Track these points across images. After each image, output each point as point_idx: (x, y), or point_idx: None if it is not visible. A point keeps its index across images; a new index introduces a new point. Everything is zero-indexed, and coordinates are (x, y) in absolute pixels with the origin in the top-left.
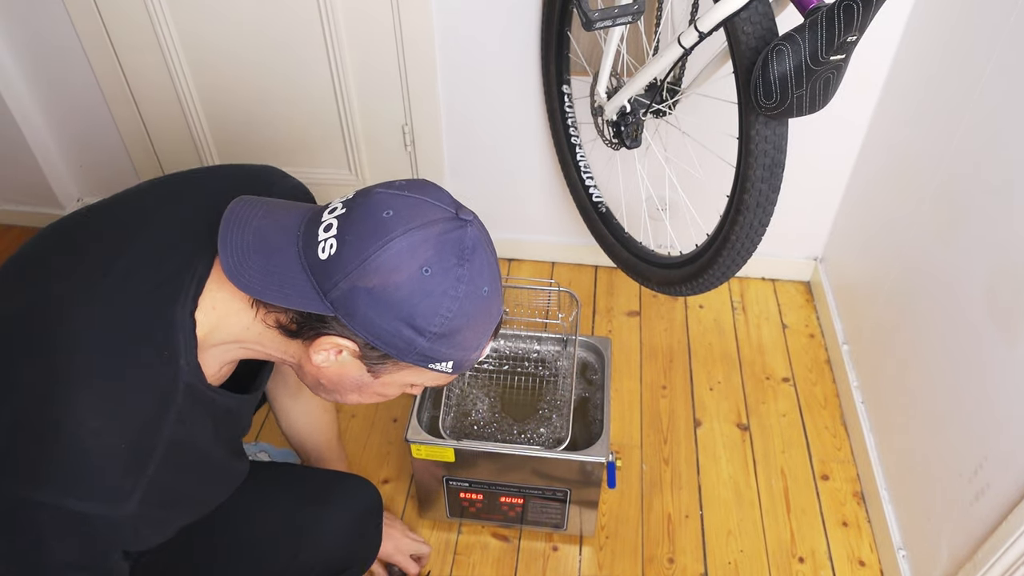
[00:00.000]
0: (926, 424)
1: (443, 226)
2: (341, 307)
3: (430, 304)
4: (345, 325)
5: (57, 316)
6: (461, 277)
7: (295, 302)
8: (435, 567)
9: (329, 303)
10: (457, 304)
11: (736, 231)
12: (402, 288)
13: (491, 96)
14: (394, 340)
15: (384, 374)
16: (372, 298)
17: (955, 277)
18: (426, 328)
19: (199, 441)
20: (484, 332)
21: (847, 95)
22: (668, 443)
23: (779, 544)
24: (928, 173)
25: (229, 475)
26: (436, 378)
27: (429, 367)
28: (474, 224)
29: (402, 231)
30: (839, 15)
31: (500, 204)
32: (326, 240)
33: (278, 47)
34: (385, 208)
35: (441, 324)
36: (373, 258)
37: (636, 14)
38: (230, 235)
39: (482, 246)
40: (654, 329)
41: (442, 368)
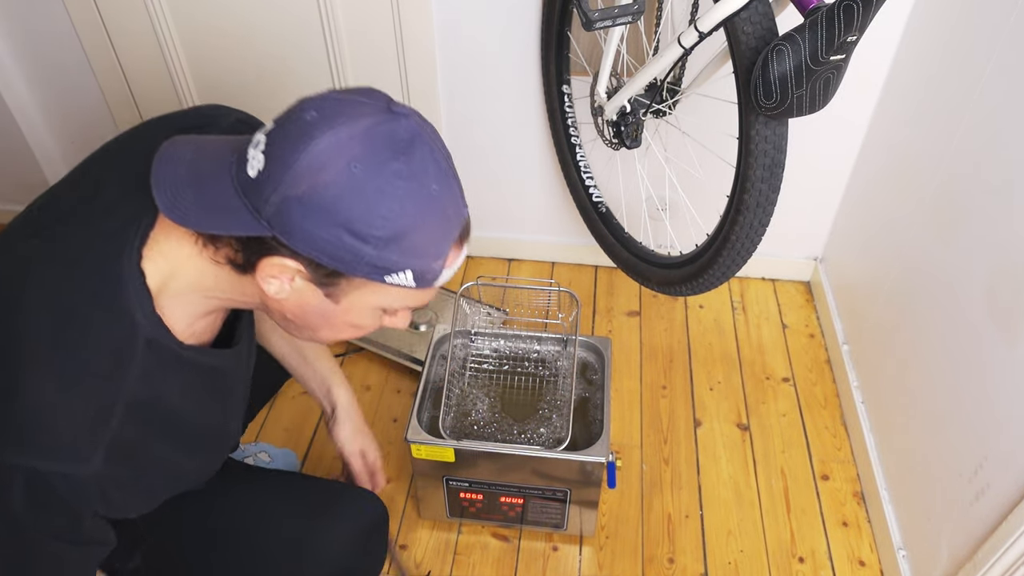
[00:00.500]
0: (926, 424)
1: (372, 120)
2: (277, 224)
3: (365, 204)
4: (286, 244)
5: (9, 281)
6: (399, 173)
7: (233, 227)
8: (435, 567)
9: (265, 222)
10: (398, 204)
11: (736, 231)
12: (331, 188)
13: (491, 96)
14: (338, 252)
15: (343, 297)
16: (304, 206)
17: (955, 277)
18: (368, 233)
19: (169, 400)
20: (442, 236)
21: (847, 95)
22: (668, 443)
23: (779, 544)
24: (928, 173)
25: (213, 439)
26: (403, 296)
27: (386, 280)
28: (411, 118)
29: (326, 128)
30: (839, 15)
31: (500, 204)
32: (255, 157)
33: (278, 47)
34: (309, 111)
35: (383, 227)
36: (297, 162)
37: (636, 14)
38: (162, 172)
39: (423, 140)
40: (654, 329)
41: (401, 280)
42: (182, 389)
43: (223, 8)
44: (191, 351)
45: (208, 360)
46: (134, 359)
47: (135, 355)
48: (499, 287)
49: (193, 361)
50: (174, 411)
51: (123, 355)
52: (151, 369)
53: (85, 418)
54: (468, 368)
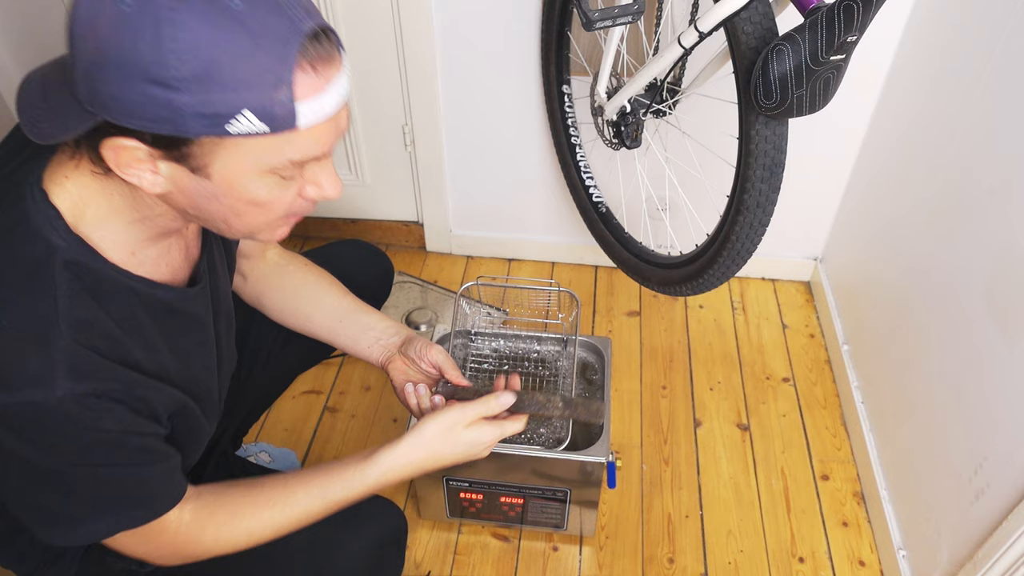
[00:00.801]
0: (926, 424)
1: None
2: (94, 102)
3: (149, 43)
4: (111, 122)
5: None
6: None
7: (70, 126)
8: (435, 567)
9: (88, 106)
10: (187, 32)
11: (736, 231)
12: (112, 40)
13: (491, 96)
14: (156, 110)
15: (210, 169)
16: (101, 70)
17: (955, 277)
18: (168, 76)
19: (109, 328)
20: (270, 58)
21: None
22: (668, 443)
23: (779, 544)
24: (928, 173)
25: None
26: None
27: (230, 130)
28: None
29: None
30: (839, 15)
31: (500, 204)
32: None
33: None
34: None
35: (180, 64)
36: (75, 24)
37: (636, 14)
38: (22, 96)
39: None
40: (654, 329)
41: (248, 127)
42: (126, 319)
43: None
44: (136, 280)
45: (159, 294)
46: (52, 279)
47: (52, 275)
48: (499, 287)
49: (137, 291)
50: (120, 341)
51: (40, 274)
52: (78, 291)
53: (27, 341)
54: (468, 368)
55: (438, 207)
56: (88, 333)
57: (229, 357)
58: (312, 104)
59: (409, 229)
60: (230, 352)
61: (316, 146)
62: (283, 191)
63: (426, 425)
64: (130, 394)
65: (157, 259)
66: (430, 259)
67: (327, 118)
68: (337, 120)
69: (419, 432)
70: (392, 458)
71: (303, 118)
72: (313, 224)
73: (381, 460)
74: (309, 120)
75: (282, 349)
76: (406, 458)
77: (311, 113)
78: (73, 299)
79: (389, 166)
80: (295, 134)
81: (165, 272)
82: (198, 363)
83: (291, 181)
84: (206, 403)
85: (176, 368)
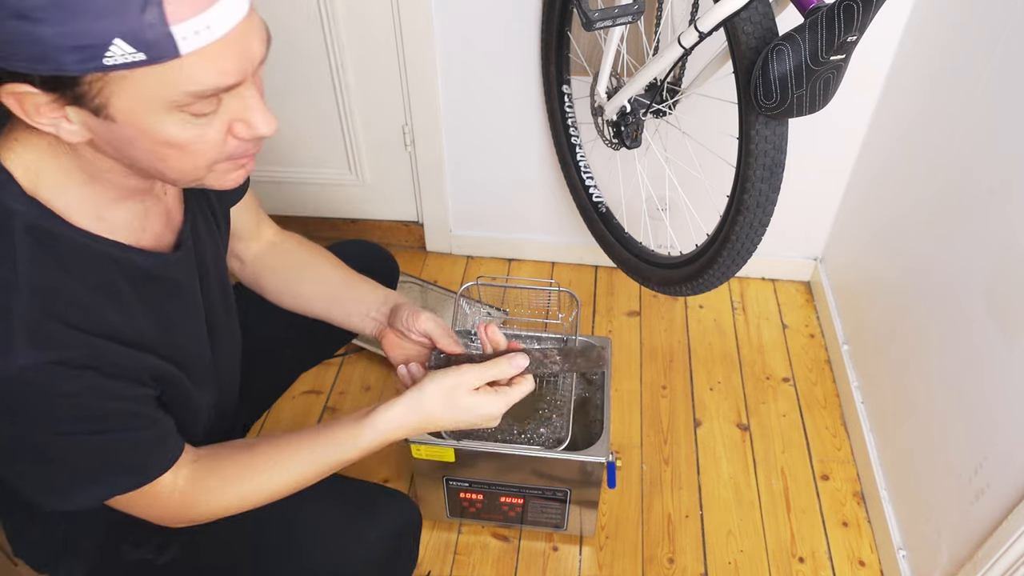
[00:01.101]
0: (926, 424)
1: None
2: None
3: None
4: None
5: None
6: None
7: None
8: (435, 567)
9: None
10: None
11: (736, 231)
12: None
13: (491, 96)
14: (29, 48)
15: (112, 110)
16: None
17: (955, 277)
18: (27, 6)
19: (78, 294)
20: None
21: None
22: (668, 443)
23: (779, 544)
24: (928, 173)
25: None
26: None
27: (107, 63)
28: None
29: None
30: (839, 15)
31: (500, 204)
32: None
33: (278, 47)
34: None
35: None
36: None
37: (636, 14)
38: None
39: None
40: (654, 329)
41: (124, 56)
42: (101, 285)
43: None
44: (108, 245)
45: (136, 259)
46: (12, 243)
47: (12, 239)
48: (499, 287)
49: (112, 256)
50: (91, 308)
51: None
52: (40, 257)
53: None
54: None
55: (438, 207)
56: (52, 299)
57: (229, 331)
58: (192, 25)
59: (409, 229)
60: (229, 326)
61: (217, 75)
62: (202, 129)
63: (426, 386)
64: (102, 360)
65: (131, 223)
66: (430, 259)
67: (217, 39)
68: (241, 42)
69: (418, 394)
70: (387, 420)
71: (185, 43)
72: (313, 224)
73: (376, 422)
74: (193, 44)
75: (287, 345)
76: (401, 420)
77: (194, 36)
78: (35, 264)
79: (389, 166)
80: (182, 62)
81: (145, 238)
82: (183, 331)
83: (209, 118)
84: (194, 372)
85: (158, 335)
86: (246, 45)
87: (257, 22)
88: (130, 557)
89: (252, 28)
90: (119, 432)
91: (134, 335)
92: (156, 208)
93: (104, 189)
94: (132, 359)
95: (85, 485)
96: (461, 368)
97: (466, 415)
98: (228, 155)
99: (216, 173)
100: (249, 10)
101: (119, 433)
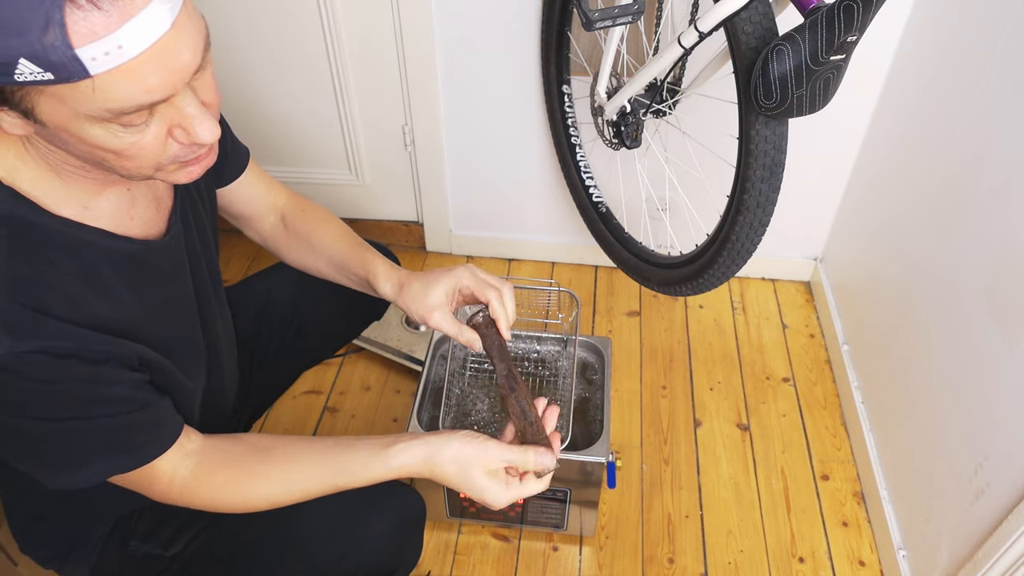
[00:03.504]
0: (926, 424)
1: None
2: None
3: None
4: None
5: None
6: None
7: None
8: (435, 567)
9: None
10: None
11: (736, 231)
12: None
13: (491, 96)
14: None
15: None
16: None
17: (955, 277)
18: None
19: (62, 282)
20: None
21: (847, 95)
22: (668, 443)
23: (779, 544)
24: (928, 173)
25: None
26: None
27: (17, 79)
28: None
29: None
30: (839, 15)
31: (500, 204)
32: None
33: (278, 47)
34: None
35: None
36: None
37: (636, 14)
38: None
39: None
40: (654, 329)
41: (32, 75)
42: (86, 273)
43: (223, 10)
44: (92, 233)
45: (120, 247)
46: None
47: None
48: None
49: (97, 244)
50: (74, 297)
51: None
52: (18, 247)
53: None
54: (468, 368)
55: (438, 207)
56: (31, 289)
57: (221, 316)
58: (100, 46)
59: (409, 229)
60: (221, 310)
61: (139, 93)
62: (136, 136)
63: (449, 445)
64: (86, 347)
65: (117, 211)
66: (430, 259)
67: (134, 57)
68: (164, 56)
69: (438, 449)
70: (401, 463)
71: (95, 63)
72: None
73: (390, 460)
74: (105, 65)
75: (292, 341)
76: (414, 468)
77: (104, 57)
78: (12, 256)
79: (389, 166)
80: (94, 82)
81: (134, 225)
82: (173, 316)
83: (142, 127)
84: (185, 358)
85: (146, 321)
86: (172, 58)
87: (186, 31)
88: (139, 552)
89: (179, 39)
90: (110, 417)
91: (120, 322)
92: (145, 194)
93: (77, 180)
94: (117, 346)
95: (80, 466)
96: (488, 445)
97: (472, 491)
98: (172, 158)
99: (165, 172)
100: (173, 22)
101: (110, 417)
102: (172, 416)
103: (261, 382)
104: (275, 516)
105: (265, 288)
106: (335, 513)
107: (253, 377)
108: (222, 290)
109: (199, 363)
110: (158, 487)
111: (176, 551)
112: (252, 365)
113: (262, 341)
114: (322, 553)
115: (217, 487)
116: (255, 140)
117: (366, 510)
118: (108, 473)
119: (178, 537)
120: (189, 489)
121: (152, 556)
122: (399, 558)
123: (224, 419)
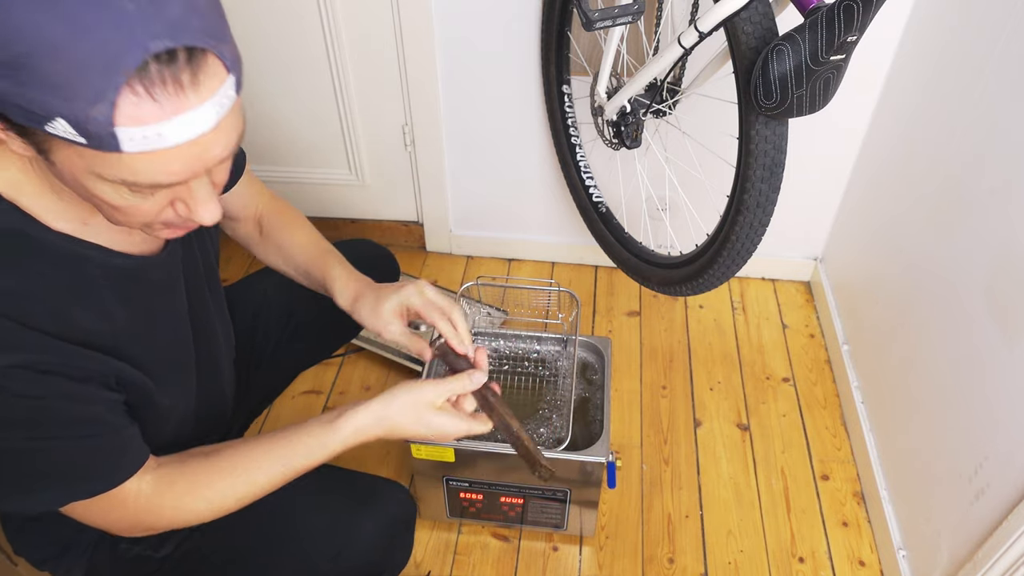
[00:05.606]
0: (926, 424)
1: None
2: None
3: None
4: None
5: None
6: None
7: None
8: (435, 567)
9: None
10: (13, 18)
11: (736, 231)
12: None
13: (491, 96)
14: None
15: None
16: None
17: (955, 277)
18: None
19: (58, 297)
20: (94, 68)
21: (847, 95)
22: (668, 443)
23: (779, 544)
24: (928, 173)
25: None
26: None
27: (48, 129)
28: None
29: None
30: (839, 15)
31: (500, 204)
32: None
33: (278, 47)
34: None
35: (1, 49)
36: None
37: (636, 14)
38: None
39: None
40: (654, 329)
41: (62, 131)
42: (78, 287)
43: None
44: (88, 248)
45: (116, 262)
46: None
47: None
48: (499, 287)
49: (93, 259)
50: (61, 312)
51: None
52: (8, 261)
53: None
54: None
55: (438, 207)
56: (14, 303)
57: (221, 328)
58: (141, 131)
59: (409, 229)
60: (221, 324)
61: (160, 175)
62: (139, 201)
63: (394, 397)
64: (67, 365)
65: (116, 228)
66: (430, 259)
67: (167, 148)
68: (197, 150)
69: (385, 404)
70: (354, 426)
71: (130, 143)
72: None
73: (343, 428)
74: (139, 147)
75: (289, 341)
76: (368, 430)
77: (142, 140)
78: (8, 270)
79: (389, 166)
80: (122, 157)
81: (132, 240)
82: (165, 331)
83: (148, 195)
84: (167, 375)
85: (134, 336)
86: (203, 152)
87: (226, 130)
88: (129, 553)
89: (216, 138)
90: (83, 438)
91: (105, 336)
92: None
93: (76, 201)
94: (99, 363)
95: (44, 489)
96: (425, 384)
97: (428, 431)
98: (164, 222)
99: (150, 228)
100: (216, 123)
101: (84, 439)
102: (139, 440)
103: (259, 381)
104: (265, 515)
105: (263, 288)
106: (325, 513)
107: (251, 377)
108: (221, 296)
109: (186, 378)
110: (123, 510)
111: (166, 552)
112: (250, 365)
113: (259, 341)
114: (312, 553)
115: (181, 495)
116: (255, 140)
117: (357, 510)
118: (74, 496)
119: (168, 538)
120: (154, 506)
121: (143, 557)
122: (389, 558)
123: (223, 418)
